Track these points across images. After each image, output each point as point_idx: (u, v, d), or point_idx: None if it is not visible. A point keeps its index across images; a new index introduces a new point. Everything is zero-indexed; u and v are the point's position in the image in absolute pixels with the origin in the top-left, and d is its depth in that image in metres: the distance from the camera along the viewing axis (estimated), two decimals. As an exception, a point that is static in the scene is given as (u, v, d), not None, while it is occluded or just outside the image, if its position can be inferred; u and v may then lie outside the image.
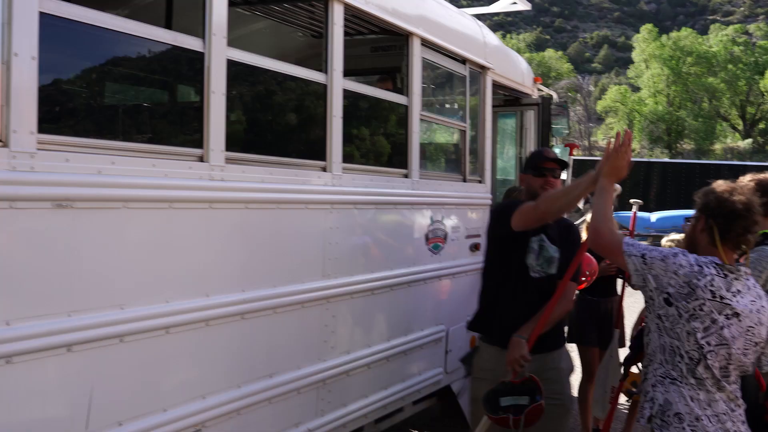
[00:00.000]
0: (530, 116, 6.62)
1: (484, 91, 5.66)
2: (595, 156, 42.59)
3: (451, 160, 5.70)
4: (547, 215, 3.82)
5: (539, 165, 4.09)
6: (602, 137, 66.96)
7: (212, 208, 3.20)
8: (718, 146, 57.50)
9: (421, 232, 4.85)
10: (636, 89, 63.19)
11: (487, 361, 4.08)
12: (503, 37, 65.96)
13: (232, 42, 3.31)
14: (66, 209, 2.56)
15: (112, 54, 3.19)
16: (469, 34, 5.48)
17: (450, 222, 5.20)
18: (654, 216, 25.26)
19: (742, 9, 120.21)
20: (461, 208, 5.37)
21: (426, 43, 4.80)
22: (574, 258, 3.92)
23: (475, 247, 5.55)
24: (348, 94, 4.20)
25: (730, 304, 2.95)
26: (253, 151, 3.56)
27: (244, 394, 3.41)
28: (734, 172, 27.56)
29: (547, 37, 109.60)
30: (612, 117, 63.27)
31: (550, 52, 66.54)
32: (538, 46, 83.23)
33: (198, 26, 3.16)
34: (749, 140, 57.30)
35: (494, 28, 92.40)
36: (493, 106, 6.67)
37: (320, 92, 3.92)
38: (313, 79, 3.89)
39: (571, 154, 5.37)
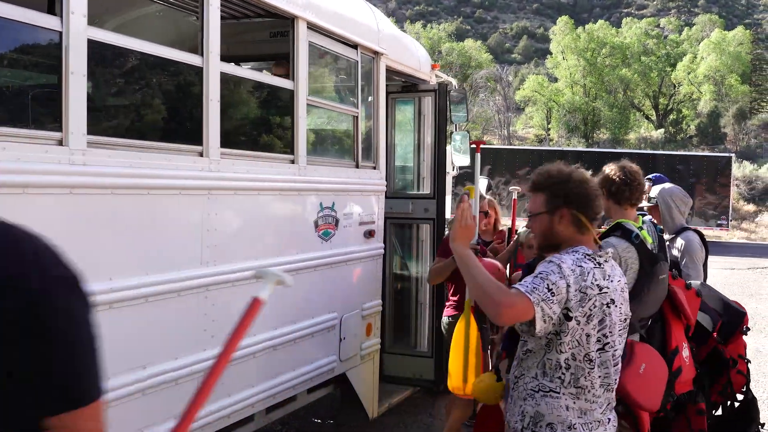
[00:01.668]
0: (428, 103, 6.63)
1: (377, 77, 5.63)
2: (514, 145, 43.30)
3: (343, 147, 5.66)
4: None
5: None
6: (521, 127, 68.21)
7: (73, 194, 3.08)
8: (632, 136, 59.18)
9: (309, 218, 4.80)
10: (554, 80, 64.48)
11: None
12: (424, 26, 66.23)
13: (121, 26, 3.17)
14: None
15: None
16: (360, 19, 5.44)
17: (342, 208, 5.16)
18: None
19: (655, 3, 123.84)
20: (354, 194, 5.34)
21: (313, 27, 4.73)
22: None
23: (369, 234, 5.53)
24: (228, 78, 4.12)
25: (608, 293, 3.01)
26: (121, 135, 3.44)
27: (112, 387, 3.30)
28: (643, 161, 28.46)
29: (468, 27, 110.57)
30: (531, 107, 64.48)
31: (469, 42, 67.14)
32: (458, 36, 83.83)
33: (56, 3, 3.03)
34: (661, 130, 59.19)
35: (415, 17, 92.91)
36: (390, 93, 6.68)
37: (196, 75, 3.82)
38: (187, 62, 3.79)
39: (477, 151, 5.36)
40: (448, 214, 7.59)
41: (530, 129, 67.06)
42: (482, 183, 6.58)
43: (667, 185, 5.69)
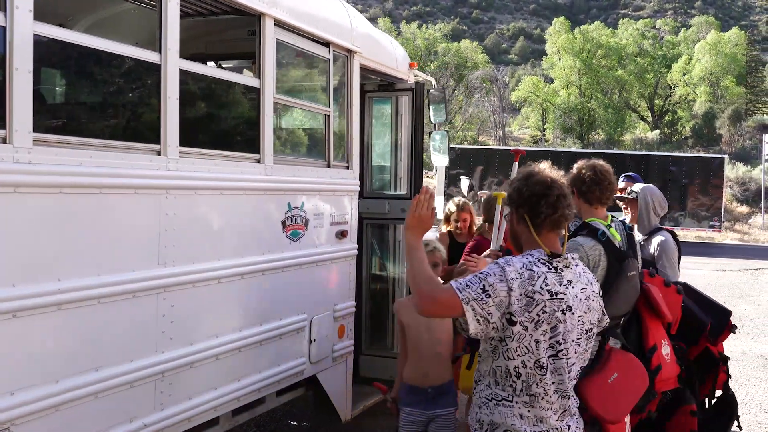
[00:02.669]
0: (405, 102, 6.56)
1: (350, 75, 5.56)
2: (509, 146, 43.28)
3: (314, 146, 5.59)
4: None
5: None
6: (517, 127, 68.25)
7: (18, 193, 3.01)
8: (628, 137, 59.21)
9: (276, 219, 4.72)
10: (550, 81, 64.48)
11: None
12: (420, 27, 66.16)
13: (93, 26, 3.09)
14: None
15: None
16: (332, 17, 5.36)
17: (312, 208, 5.09)
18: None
19: (651, 4, 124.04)
20: (325, 194, 5.27)
21: (281, 25, 4.66)
22: None
23: (341, 234, 5.46)
24: (190, 76, 4.05)
25: (564, 299, 2.94)
26: (70, 133, 3.36)
27: (62, 389, 3.23)
28: (636, 162, 28.42)
29: (465, 28, 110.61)
30: (526, 108, 64.49)
31: (465, 43, 67.04)
32: (455, 36, 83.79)
33: None
34: (657, 131, 59.22)
35: (412, 17, 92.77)
36: (367, 92, 6.62)
37: (154, 72, 3.75)
38: (145, 59, 3.71)
39: (516, 159, 5.23)
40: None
41: (526, 130, 67.09)
42: (464, 183, 6.50)
43: (646, 185, 5.66)
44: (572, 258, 3.10)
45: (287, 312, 4.89)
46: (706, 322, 4.77)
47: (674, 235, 5.39)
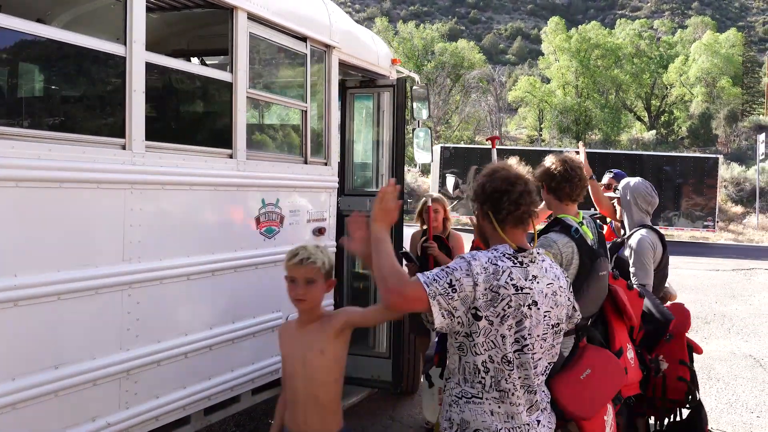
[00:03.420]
0: (387, 98, 6.49)
1: (329, 71, 5.49)
2: (506, 146, 43.24)
3: (291, 142, 5.52)
4: None
5: None
6: (514, 127, 68.22)
7: (-29, 186, 2.95)
8: (624, 137, 59.19)
9: (250, 215, 4.66)
10: (547, 81, 64.48)
11: None
12: (417, 26, 66.14)
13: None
14: None
15: None
16: (310, 12, 5.29)
17: (288, 205, 5.02)
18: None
19: (648, 5, 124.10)
20: (302, 190, 5.20)
21: (254, 18, 4.60)
22: None
23: (319, 232, 5.39)
24: (158, 69, 3.98)
25: (529, 294, 2.90)
26: (30, 126, 3.30)
27: (19, 387, 3.17)
28: (630, 161, 28.36)
29: (462, 27, 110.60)
30: (523, 108, 64.49)
31: (463, 42, 67.03)
32: (452, 36, 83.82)
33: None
34: (653, 131, 59.21)
35: (409, 17, 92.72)
36: (348, 88, 6.55)
37: (118, 65, 3.68)
38: (110, 51, 3.64)
39: (494, 146, 5.15)
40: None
41: (523, 130, 67.08)
42: (449, 181, 6.44)
43: (633, 180, 5.54)
44: (538, 253, 3.05)
45: (262, 309, 4.82)
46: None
47: (659, 234, 5.25)
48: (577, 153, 4.79)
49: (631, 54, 61.22)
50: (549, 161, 4.19)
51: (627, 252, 5.09)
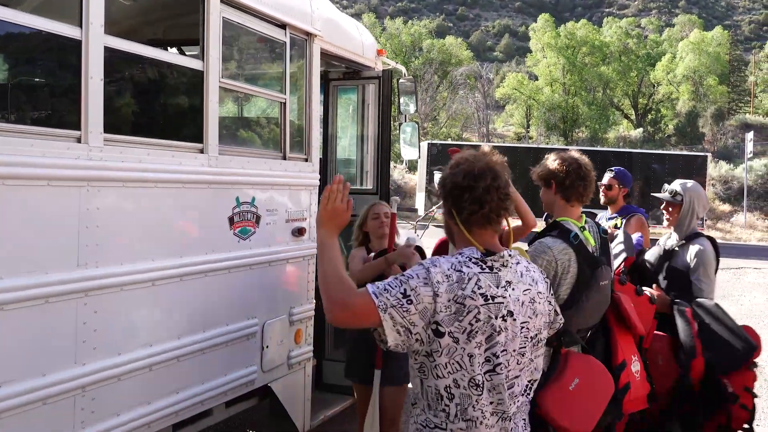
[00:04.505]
0: (372, 91, 6.16)
1: (310, 61, 5.13)
2: (494, 143, 43.04)
3: (268, 136, 5.17)
4: None
5: None
6: (501, 124, 68.09)
7: None
8: (611, 135, 59.13)
9: (222, 215, 4.30)
10: (535, 78, 64.36)
11: None
12: (405, 23, 65.85)
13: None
14: None
15: None
16: (289, -3, 4.94)
17: (264, 204, 4.67)
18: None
19: (636, 3, 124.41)
20: (280, 188, 4.85)
21: (228, 2, 4.24)
22: None
23: (299, 232, 5.05)
24: (120, 54, 3.62)
25: (503, 303, 2.52)
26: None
27: (-46, 410, 2.82)
28: (619, 159, 28.18)
29: (450, 24, 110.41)
30: (511, 105, 64.36)
31: (450, 39, 66.79)
32: (440, 33, 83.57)
33: None
34: (640, 129, 59.19)
35: (397, 13, 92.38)
36: (331, 80, 6.21)
37: (72, 49, 3.31)
38: (63, 34, 3.28)
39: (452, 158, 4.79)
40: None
41: (510, 127, 66.96)
42: (437, 178, 6.10)
43: (690, 183, 5.03)
44: (510, 255, 2.65)
45: (235, 317, 4.47)
46: (694, 348, 4.29)
47: (713, 241, 4.85)
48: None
49: (618, 52, 61.18)
50: (558, 160, 3.84)
51: (687, 259, 4.73)
